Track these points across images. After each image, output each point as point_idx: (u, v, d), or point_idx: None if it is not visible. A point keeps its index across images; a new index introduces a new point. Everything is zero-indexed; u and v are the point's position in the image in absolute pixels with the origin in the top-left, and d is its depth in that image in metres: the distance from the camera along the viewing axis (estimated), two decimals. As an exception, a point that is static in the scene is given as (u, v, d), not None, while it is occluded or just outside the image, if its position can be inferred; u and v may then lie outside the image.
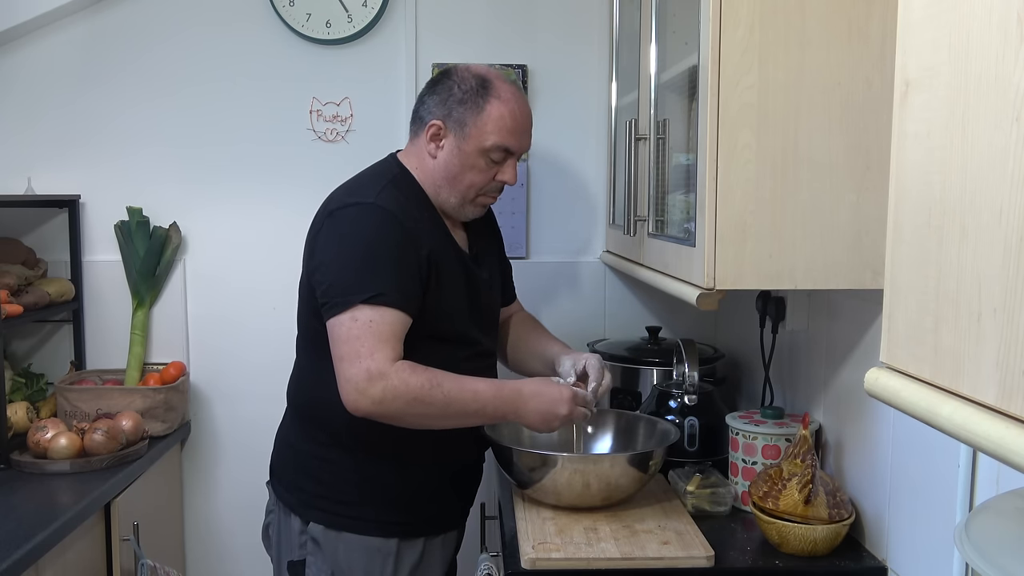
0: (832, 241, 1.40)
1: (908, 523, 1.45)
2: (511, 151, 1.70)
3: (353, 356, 1.52)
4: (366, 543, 1.67)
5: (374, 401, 1.51)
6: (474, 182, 1.69)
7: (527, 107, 1.74)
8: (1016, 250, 0.58)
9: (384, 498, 1.69)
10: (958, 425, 0.63)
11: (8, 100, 2.39)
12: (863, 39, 1.37)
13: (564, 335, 2.41)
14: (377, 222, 1.61)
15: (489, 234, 1.91)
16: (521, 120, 1.70)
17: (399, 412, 1.54)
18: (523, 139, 1.72)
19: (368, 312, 1.54)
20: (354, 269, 1.58)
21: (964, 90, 0.64)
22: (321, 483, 1.70)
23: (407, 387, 1.52)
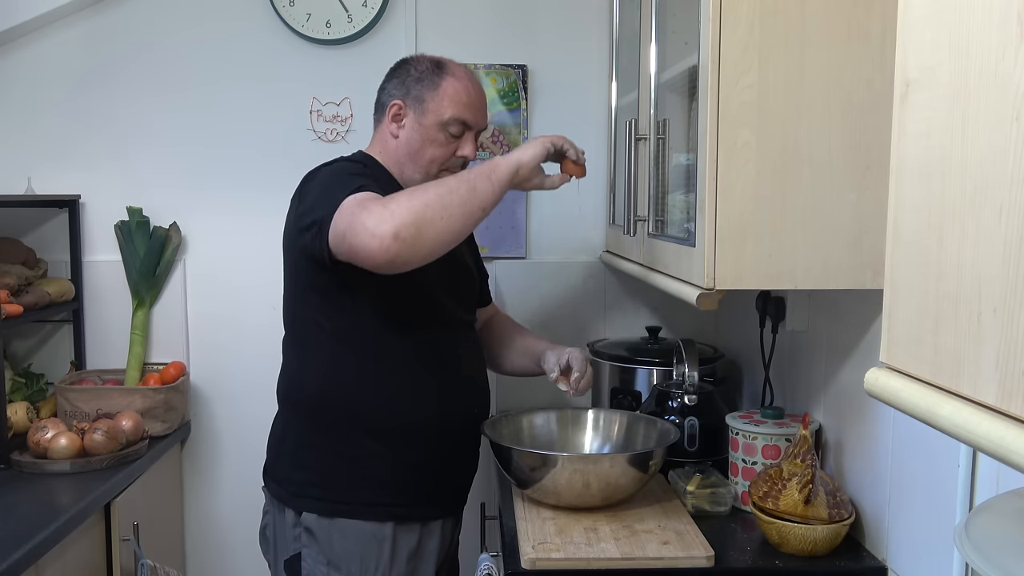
0: (832, 241, 1.40)
1: (908, 523, 1.45)
2: (468, 124, 1.75)
3: (354, 217, 1.49)
4: (360, 528, 1.67)
5: (392, 226, 1.45)
6: (435, 156, 1.74)
7: (481, 87, 1.81)
8: (1016, 249, 0.58)
9: (370, 480, 1.69)
10: (958, 425, 0.63)
11: (8, 100, 2.39)
12: (863, 38, 1.37)
13: (564, 335, 2.42)
14: (346, 163, 1.71)
15: None
16: (476, 96, 1.77)
17: (414, 231, 1.46)
18: (478, 115, 1.78)
19: (356, 196, 1.53)
20: (334, 183, 1.60)
21: (964, 89, 0.64)
22: (313, 471, 1.71)
23: (411, 210, 1.47)
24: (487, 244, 2.44)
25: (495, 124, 2.42)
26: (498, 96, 2.41)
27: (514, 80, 2.41)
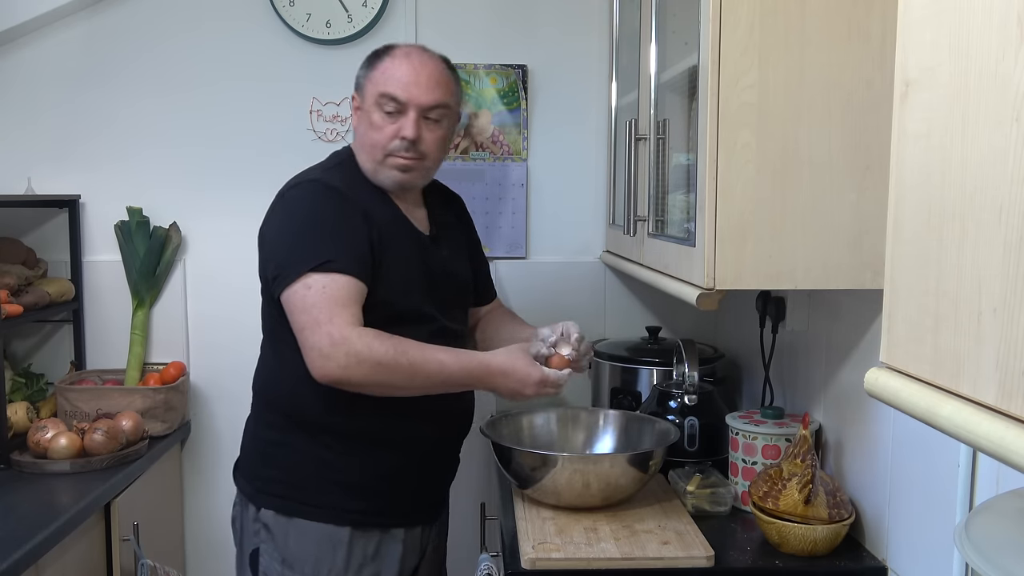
0: (832, 241, 1.40)
1: (908, 523, 1.45)
2: (398, 99, 1.66)
3: (313, 324, 1.52)
4: (317, 530, 1.65)
5: (340, 366, 1.50)
6: (376, 140, 1.67)
7: (429, 63, 1.70)
8: (1016, 249, 0.58)
9: (337, 484, 1.67)
10: (958, 425, 0.63)
11: (8, 100, 2.39)
12: (863, 39, 1.37)
13: (564, 335, 2.42)
14: (321, 195, 1.64)
15: (456, 225, 1.91)
16: (411, 72, 1.68)
17: (364, 378, 1.52)
18: (413, 89, 1.67)
19: (320, 279, 1.54)
20: (301, 241, 1.60)
21: (964, 89, 0.64)
22: (278, 468, 1.70)
23: (371, 352, 1.51)
24: (487, 244, 2.44)
25: (495, 124, 2.42)
26: (498, 96, 2.41)
27: (514, 80, 2.41)
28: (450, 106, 1.72)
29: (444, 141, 1.74)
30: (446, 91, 1.71)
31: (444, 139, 1.74)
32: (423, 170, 1.72)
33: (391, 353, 1.52)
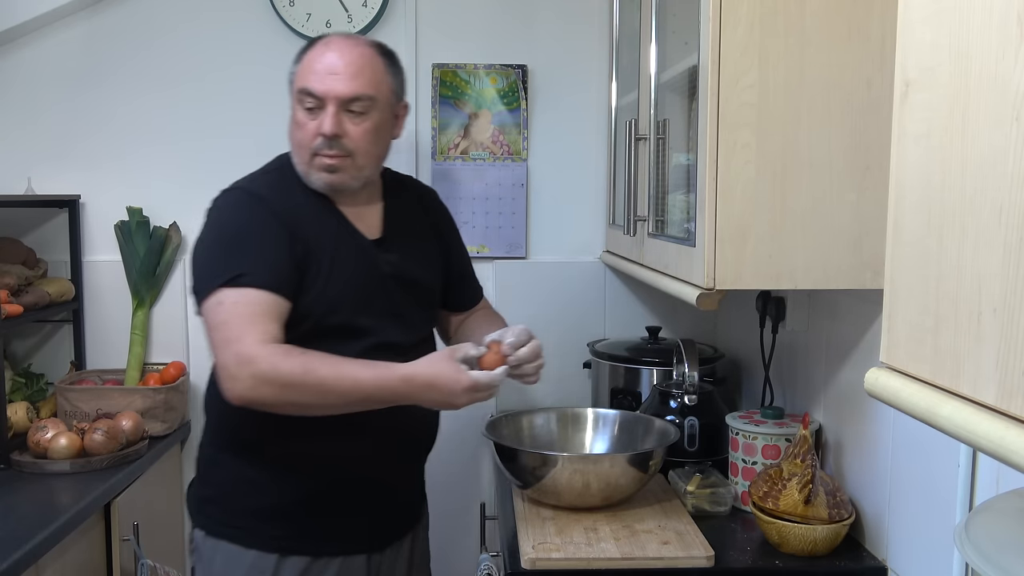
0: (832, 241, 1.40)
1: (908, 523, 1.45)
2: (314, 93, 1.55)
3: (223, 342, 1.45)
4: (242, 555, 1.58)
5: (246, 387, 1.42)
6: (301, 140, 1.58)
7: (349, 52, 1.58)
8: (1016, 250, 0.58)
9: (263, 507, 1.59)
10: (958, 425, 0.63)
11: (8, 100, 2.39)
12: (863, 39, 1.37)
13: (564, 335, 2.42)
14: (240, 205, 1.57)
15: (422, 225, 1.77)
16: (328, 63, 1.56)
17: (273, 398, 1.44)
18: (329, 81, 1.55)
19: (231, 294, 1.46)
20: (216, 254, 1.53)
21: (964, 90, 0.64)
22: (211, 486, 1.65)
23: (277, 372, 1.41)
24: (487, 244, 2.44)
25: (495, 124, 2.42)
26: (498, 96, 2.41)
27: (514, 80, 2.41)
28: (375, 97, 1.57)
29: (374, 134, 1.59)
30: (369, 80, 1.57)
31: (373, 132, 1.58)
32: (354, 169, 1.59)
33: (298, 372, 1.42)
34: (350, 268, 1.60)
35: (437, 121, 2.41)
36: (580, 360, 2.40)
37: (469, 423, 2.33)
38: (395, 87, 1.64)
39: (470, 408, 2.42)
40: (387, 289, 1.64)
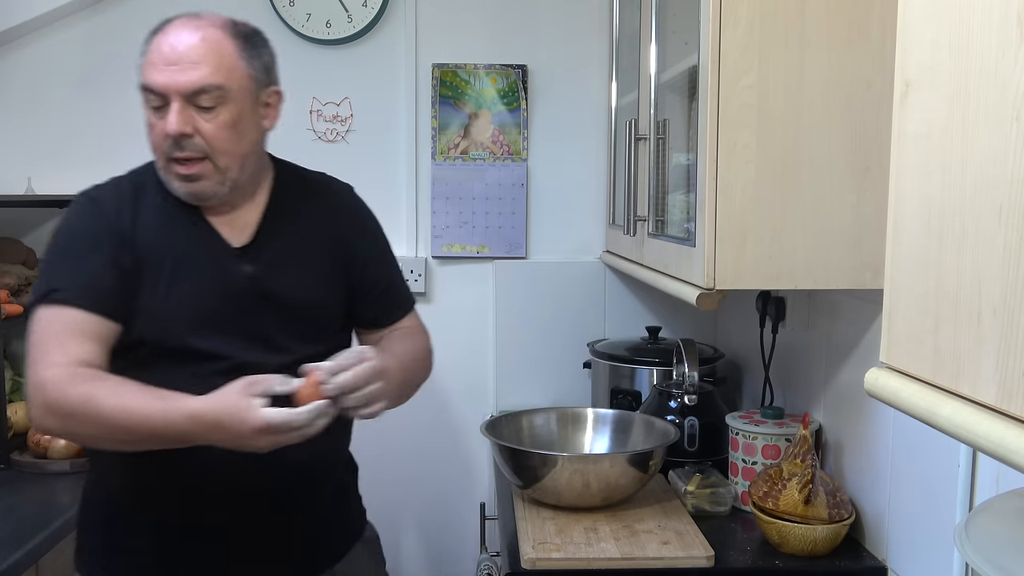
0: (832, 241, 1.40)
1: (908, 523, 1.45)
2: (154, 88, 1.35)
3: (31, 364, 1.34)
4: None
5: (37, 415, 1.31)
6: (153, 143, 1.40)
7: (188, 36, 1.36)
8: (1016, 250, 0.58)
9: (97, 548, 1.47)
10: (958, 425, 0.63)
11: (8, 100, 2.39)
12: (863, 39, 1.37)
13: (564, 335, 2.42)
14: (76, 213, 1.43)
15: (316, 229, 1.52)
16: (167, 51, 1.35)
17: (59, 429, 1.35)
18: (168, 72, 1.34)
19: (45, 312, 1.35)
20: (43, 267, 1.42)
21: (964, 89, 0.64)
22: (81, 524, 1.53)
23: (62, 400, 1.27)
24: (487, 244, 2.44)
25: (495, 124, 2.42)
26: (498, 96, 2.41)
27: (514, 80, 2.41)
28: (225, 86, 1.35)
29: (232, 130, 1.37)
30: (216, 68, 1.35)
31: (231, 127, 1.37)
32: (216, 174, 1.38)
33: (78, 402, 1.26)
34: (192, 283, 1.40)
35: (437, 121, 2.41)
36: (580, 360, 2.40)
37: (469, 423, 2.33)
38: (255, 72, 1.41)
39: (470, 408, 2.46)
40: (243, 305, 1.42)
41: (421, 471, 2.45)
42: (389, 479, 2.43)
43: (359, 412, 1.30)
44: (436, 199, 2.42)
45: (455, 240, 2.43)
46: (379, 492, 2.43)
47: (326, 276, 1.51)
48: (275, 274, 1.45)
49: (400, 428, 2.43)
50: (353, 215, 1.59)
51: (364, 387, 1.28)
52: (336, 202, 1.58)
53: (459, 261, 2.45)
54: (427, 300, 2.44)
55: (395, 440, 2.41)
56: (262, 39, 1.46)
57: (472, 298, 2.45)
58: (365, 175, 2.41)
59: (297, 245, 1.49)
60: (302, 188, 1.55)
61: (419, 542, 2.46)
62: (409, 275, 2.40)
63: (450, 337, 2.45)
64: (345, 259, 1.53)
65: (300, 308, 1.46)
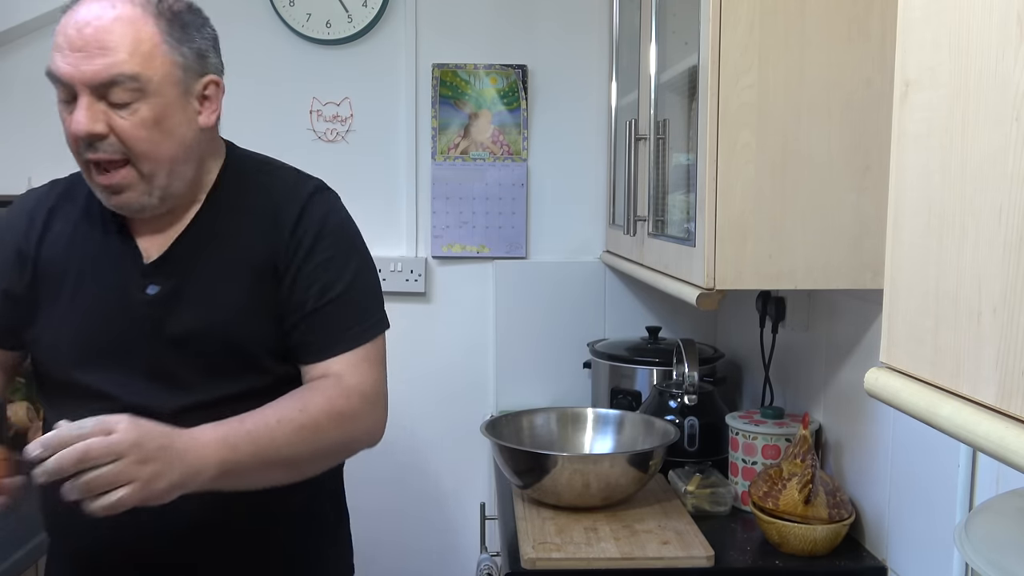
0: (832, 241, 1.40)
1: (908, 523, 1.45)
2: (60, 79, 1.15)
3: None
4: None
5: None
6: (70, 145, 1.23)
7: (100, 14, 1.14)
8: (1016, 249, 0.57)
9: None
10: (958, 425, 0.63)
11: (8, 100, 2.39)
12: (863, 38, 1.37)
13: (564, 335, 2.42)
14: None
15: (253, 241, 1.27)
16: (72, 34, 1.13)
17: None
18: (73, 58, 1.13)
19: None
20: None
21: (964, 89, 0.64)
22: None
23: None
24: (487, 244, 2.44)
25: (495, 124, 2.42)
26: (498, 96, 2.41)
27: (514, 80, 2.41)
28: (141, 76, 1.14)
29: (156, 129, 1.16)
30: (129, 54, 1.13)
31: (153, 126, 1.16)
32: (143, 183, 1.19)
33: None
34: (89, 306, 1.22)
35: (437, 121, 2.41)
36: (580, 360, 2.40)
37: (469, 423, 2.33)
38: (184, 58, 1.20)
39: (470, 408, 2.46)
40: (141, 334, 1.22)
41: (421, 471, 2.45)
42: (389, 479, 2.43)
43: (87, 504, 1.03)
44: (436, 199, 2.42)
45: (455, 240, 2.43)
46: (379, 492, 2.44)
47: (248, 299, 1.25)
48: (183, 297, 1.23)
49: (400, 428, 2.43)
50: (297, 224, 1.28)
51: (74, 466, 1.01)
52: (282, 207, 1.29)
53: (459, 261, 2.45)
54: (427, 300, 2.45)
55: (395, 440, 2.41)
56: (197, 18, 1.26)
57: (472, 298, 2.45)
58: (365, 175, 2.42)
59: (218, 261, 1.25)
60: (246, 190, 1.31)
61: (419, 542, 2.45)
62: (409, 275, 2.40)
63: (450, 337, 2.45)
64: (274, 278, 1.26)
65: (210, 339, 1.23)
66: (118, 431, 1.03)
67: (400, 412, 2.43)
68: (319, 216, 1.31)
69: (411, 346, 2.43)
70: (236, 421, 1.14)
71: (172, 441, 1.07)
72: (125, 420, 1.05)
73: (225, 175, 1.31)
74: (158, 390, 1.21)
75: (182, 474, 1.07)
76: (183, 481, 1.07)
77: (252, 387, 1.23)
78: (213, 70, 1.28)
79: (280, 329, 1.26)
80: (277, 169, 1.37)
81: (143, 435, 1.04)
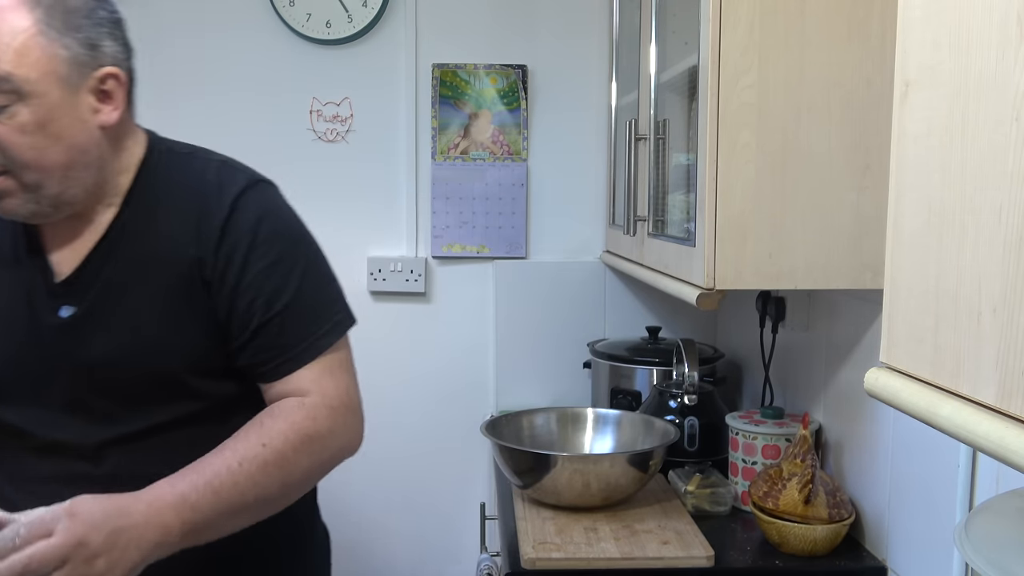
0: (832, 241, 1.40)
1: (908, 523, 1.45)
2: None
3: None
4: None
5: None
6: None
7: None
8: (1016, 249, 0.57)
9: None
10: (958, 425, 0.63)
11: None
12: (863, 38, 1.37)
13: (564, 335, 2.42)
14: None
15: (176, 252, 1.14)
16: None
17: None
18: None
19: None
20: None
21: (964, 89, 0.64)
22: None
23: None
24: (487, 244, 2.44)
25: (495, 124, 2.42)
26: (498, 96, 2.41)
27: (514, 80, 2.41)
28: (15, 76, 1.02)
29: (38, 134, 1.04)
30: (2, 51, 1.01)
31: (35, 131, 1.04)
32: (24, 192, 1.07)
33: None
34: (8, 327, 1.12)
35: (437, 121, 2.41)
36: (580, 360, 2.40)
37: (469, 423, 2.33)
38: (70, 51, 1.06)
39: (470, 408, 2.46)
40: (54, 363, 1.11)
41: (421, 471, 2.45)
42: (389, 479, 2.43)
43: None
44: (436, 199, 2.42)
45: (455, 240, 2.43)
46: (379, 492, 2.44)
47: (174, 317, 1.12)
48: (99, 318, 1.11)
49: (400, 428, 2.43)
50: (225, 229, 1.15)
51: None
52: (208, 210, 1.15)
53: (459, 261, 2.45)
54: (427, 300, 2.45)
55: (395, 440, 2.42)
56: (85, 1, 1.09)
57: (472, 298, 2.45)
58: (365, 175, 2.43)
59: (139, 275, 1.12)
60: (168, 191, 1.17)
61: (419, 542, 2.46)
62: (409, 275, 2.40)
63: (450, 337, 2.45)
64: (205, 291, 1.14)
65: (131, 364, 1.11)
66: (58, 532, 0.92)
67: (400, 412, 2.44)
68: (251, 219, 1.17)
69: (411, 346, 2.43)
70: (194, 472, 1.04)
71: (127, 520, 0.96)
72: (65, 516, 0.94)
73: (143, 174, 1.17)
74: (78, 424, 1.10)
75: (142, 552, 0.98)
76: (144, 557, 0.99)
77: (186, 413, 1.12)
78: (112, 61, 1.11)
79: (215, 347, 1.14)
80: (203, 164, 1.21)
81: (89, 529, 0.93)
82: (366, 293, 2.42)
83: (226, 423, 1.13)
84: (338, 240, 2.42)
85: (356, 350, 1.26)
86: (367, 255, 2.42)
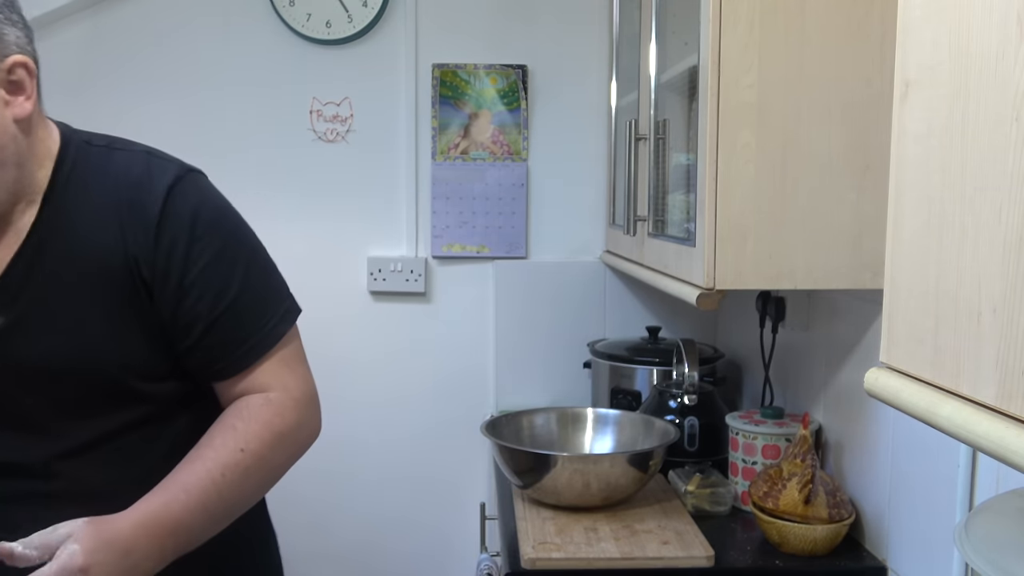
0: (832, 241, 1.40)
1: (908, 523, 1.45)
2: None
3: None
4: None
5: None
6: None
7: None
8: (1016, 249, 0.57)
9: None
10: (958, 425, 0.63)
11: None
12: (863, 38, 1.37)
13: (564, 335, 2.42)
14: None
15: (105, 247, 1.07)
16: None
17: None
18: None
19: None
20: None
21: (964, 89, 0.64)
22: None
23: None
24: (487, 244, 2.44)
25: (495, 124, 2.42)
26: (498, 96, 2.41)
27: (514, 80, 2.40)
28: None
29: None
30: None
31: None
32: None
33: None
34: None
35: (437, 121, 2.41)
36: (580, 360, 2.40)
37: (469, 423, 2.33)
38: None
39: (470, 408, 2.46)
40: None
41: (421, 471, 2.45)
42: (388, 479, 2.43)
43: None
44: (436, 199, 2.42)
45: (455, 240, 2.43)
46: (378, 492, 2.44)
47: (110, 319, 1.06)
48: (30, 326, 1.04)
49: (400, 428, 2.43)
50: (161, 224, 1.08)
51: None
52: (138, 204, 1.08)
53: (459, 261, 2.45)
54: (427, 300, 2.45)
55: (395, 440, 2.42)
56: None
57: (472, 298, 2.45)
58: (365, 175, 2.43)
59: (68, 277, 1.06)
60: (89, 185, 1.10)
61: (419, 542, 2.46)
62: (409, 275, 2.40)
63: (450, 337, 2.45)
64: (144, 289, 1.07)
65: (69, 373, 1.04)
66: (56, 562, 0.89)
67: (400, 412, 2.44)
68: (188, 211, 1.10)
69: (411, 346, 2.43)
70: (182, 492, 1.01)
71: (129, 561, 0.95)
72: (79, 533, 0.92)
73: (62, 169, 1.10)
74: (21, 441, 1.04)
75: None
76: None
77: (132, 419, 1.07)
78: (17, 48, 1.02)
79: (158, 348, 1.09)
80: (127, 155, 1.14)
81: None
82: (366, 293, 2.42)
83: (174, 422, 1.11)
84: (338, 240, 2.44)
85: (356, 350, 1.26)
86: (367, 255, 2.42)
